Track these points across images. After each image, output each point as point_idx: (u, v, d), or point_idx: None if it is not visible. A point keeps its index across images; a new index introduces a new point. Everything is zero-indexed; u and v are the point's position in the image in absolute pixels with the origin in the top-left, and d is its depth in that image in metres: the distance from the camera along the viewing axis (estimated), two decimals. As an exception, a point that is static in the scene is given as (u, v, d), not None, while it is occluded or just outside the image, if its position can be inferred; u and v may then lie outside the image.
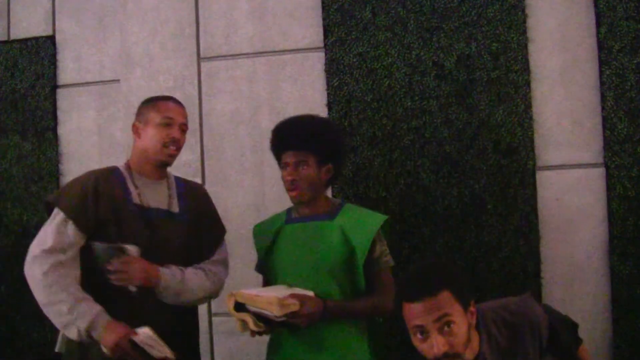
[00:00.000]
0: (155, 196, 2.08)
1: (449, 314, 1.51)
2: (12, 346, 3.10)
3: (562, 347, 1.74)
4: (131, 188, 2.04)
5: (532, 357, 1.66)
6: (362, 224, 1.99)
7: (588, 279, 2.57)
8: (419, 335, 1.54)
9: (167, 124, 2.04)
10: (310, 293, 1.89)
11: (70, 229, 1.93)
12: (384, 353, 2.13)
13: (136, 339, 1.83)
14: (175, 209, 2.09)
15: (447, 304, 1.52)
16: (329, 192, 2.73)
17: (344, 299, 1.97)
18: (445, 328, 1.51)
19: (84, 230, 1.94)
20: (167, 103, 2.10)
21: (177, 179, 2.20)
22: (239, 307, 1.88)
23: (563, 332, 1.74)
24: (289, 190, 2.01)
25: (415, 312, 1.53)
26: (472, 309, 1.60)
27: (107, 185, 2.01)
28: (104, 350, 1.86)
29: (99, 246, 1.93)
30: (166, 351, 1.85)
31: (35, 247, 1.92)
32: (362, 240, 1.96)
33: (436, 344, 1.50)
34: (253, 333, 1.87)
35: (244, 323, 1.86)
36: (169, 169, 2.18)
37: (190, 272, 2.06)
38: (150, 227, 2.01)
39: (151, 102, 2.12)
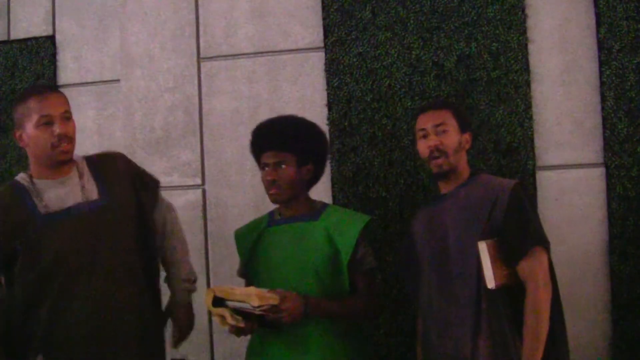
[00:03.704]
0: (67, 194, 1.86)
1: (445, 124, 1.99)
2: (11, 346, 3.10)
3: (505, 244, 1.85)
4: (36, 199, 1.82)
5: (475, 226, 1.87)
6: (346, 225, 2.00)
7: (588, 279, 2.57)
8: (421, 138, 2.01)
9: (47, 122, 1.80)
10: (293, 293, 1.88)
11: None
12: (369, 353, 2.13)
13: None
14: (94, 195, 1.88)
15: (447, 119, 2.00)
16: (328, 194, 2.73)
17: (327, 298, 1.95)
18: (441, 133, 1.98)
19: None
20: (38, 99, 1.82)
21: (87, 159, 1.97)
22: (219, 302, 1.87)
23: (511, 228, 1.84)
24: (268, 190, 2.01)
25: (422, 119, 2.02)
26: (467, 136, 2.03)
27: (6, 210, 1.80)
28: None
29: None
30: None
31: None
32: (346, 241, 1.97)
33: (431, 139, 1.98)
34: (232, 328, 1.86)
35: (223, 319, 1.86)
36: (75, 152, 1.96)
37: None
38: (70, 231, 1.81)
39: (21, 103, 1.84)
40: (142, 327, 1.93)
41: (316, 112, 2.77)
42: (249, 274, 2.11)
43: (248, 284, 2.13)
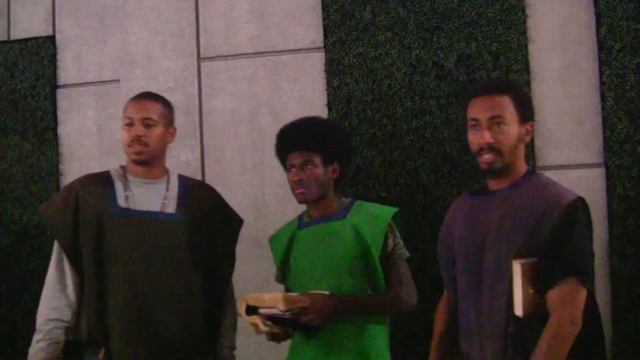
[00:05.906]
0: (149, 197, 1.99)
1: (503, 117, 1.68)
2: (12, 346, 3.10)
3: (543, 265, 1.59)
4: (119, 190, 1.97)
5: (515, 239, 1.62)
6: (373, 219, 1.99)
7: (588, 279, 2.56)
8: (472, 128, 1.73)
9: (129, 124, 1.96)
10: (326, 293, 1.88)
11: (66, 263, 1.91)
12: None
13: None
14: (171, 209, 1.99)
15: (505, 108, 1.69)
16: (329, 192, 2.73)
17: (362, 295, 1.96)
18: (495, 127, 1.68)
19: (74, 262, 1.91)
20: (130, 102, 2.02)
21: (181, 177, 2.11)
22: (252, 311, 1.89)
23: (551, 250, 1.59)
24: (294, 189, 2.01)
25: (476, 107, 1.73)
26: (528, 127, 1.74)
27: (90, 192, 1.95)
28: None
29: None
30: None
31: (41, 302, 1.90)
32: (374, 236, 1.96)
33: (484, 135, 1.68)
34: (268, 336, 1.87)
35: (256, 327, 1.87)
36: (171, 168, 2.13)
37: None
38: (137, 232, 1.92)
39: (126, 104, 2.05)
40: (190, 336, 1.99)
41: (316, 112, 2.76)
42: (285, 278, 2.12)
43: (286, 289, 2.14)
